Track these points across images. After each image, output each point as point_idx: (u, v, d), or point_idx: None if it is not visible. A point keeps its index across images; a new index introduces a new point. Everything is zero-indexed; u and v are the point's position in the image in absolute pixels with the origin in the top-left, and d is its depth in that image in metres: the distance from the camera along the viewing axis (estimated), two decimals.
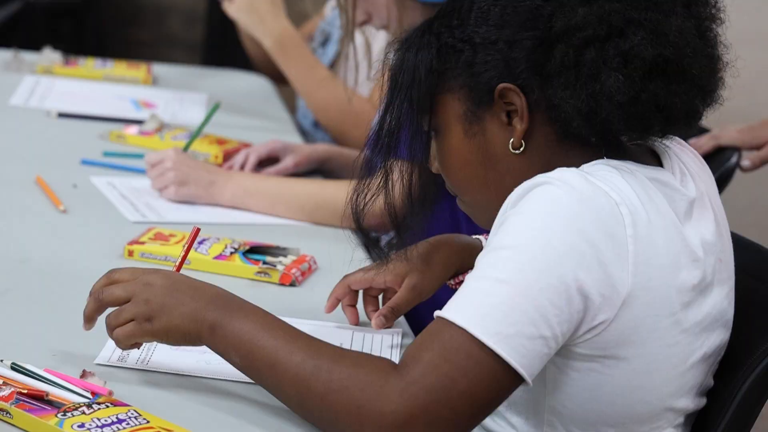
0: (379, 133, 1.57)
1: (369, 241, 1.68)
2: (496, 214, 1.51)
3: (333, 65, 3.14)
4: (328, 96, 2.85)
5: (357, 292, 1.83)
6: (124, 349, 1.55)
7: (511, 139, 1.51)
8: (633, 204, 1.43)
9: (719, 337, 1.52)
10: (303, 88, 2.87)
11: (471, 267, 1.76)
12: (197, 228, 1.64)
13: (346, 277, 1.82)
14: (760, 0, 7.06)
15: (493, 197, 1.53)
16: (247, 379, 1.50)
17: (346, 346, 1.72)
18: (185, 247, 1.63)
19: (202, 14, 5.57)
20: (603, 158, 1.49)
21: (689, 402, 1.52)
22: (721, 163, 2.47)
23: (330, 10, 3.33)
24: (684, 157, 1.57)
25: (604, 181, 1.44)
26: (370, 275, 1.81)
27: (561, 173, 1.44)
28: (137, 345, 1.55)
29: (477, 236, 1.87)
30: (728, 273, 1.54)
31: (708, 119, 1.57)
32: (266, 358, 1.44)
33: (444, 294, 2.01)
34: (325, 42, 3.23)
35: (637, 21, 1.45)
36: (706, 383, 1.55)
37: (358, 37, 2.45)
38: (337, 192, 2.30)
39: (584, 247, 1.39)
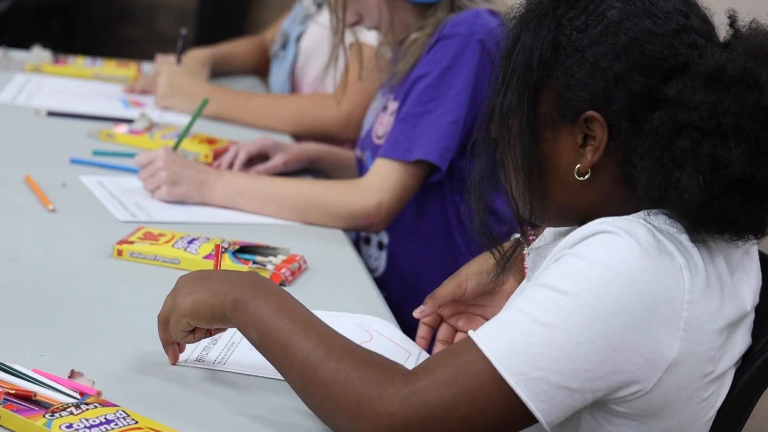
0: (491, 114, 1.47)
1: (486, 231, 1.54)
2: (519, 210, 1.47)
3: (293, 67, 3.16)
4: (284, 106, 2.93)
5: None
6: (181, 342, 1.56)
7: (578, 165, 1.44)
8: (696, 267, 1.37)
9: (737, 366, 1.48)
10: (265, 115, 2.93)
11: None
12: (219, 245, 1.71)
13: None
14: None
15: (530, 197, 1.47)
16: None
17: None
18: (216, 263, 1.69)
19: (192, 13, 5.56)
20: (664, 207, 1.41)
21: None
22: None
23: (290, 11, 3.35)
24: None
25: (671, 240, 1.38)
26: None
27: (628, 224, 1.37)
28: (191, 337, 1.54)
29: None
30: (755, 302, 1.48)
31: None
32: (281, 338, 1.44)
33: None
34: (285, 45, 3.23)
35: (746, 132, 1.35)
36: None
37: (349, 38, 2.45)
38: (329, 192, 2.30)
39: (638, 309, 1.34)
